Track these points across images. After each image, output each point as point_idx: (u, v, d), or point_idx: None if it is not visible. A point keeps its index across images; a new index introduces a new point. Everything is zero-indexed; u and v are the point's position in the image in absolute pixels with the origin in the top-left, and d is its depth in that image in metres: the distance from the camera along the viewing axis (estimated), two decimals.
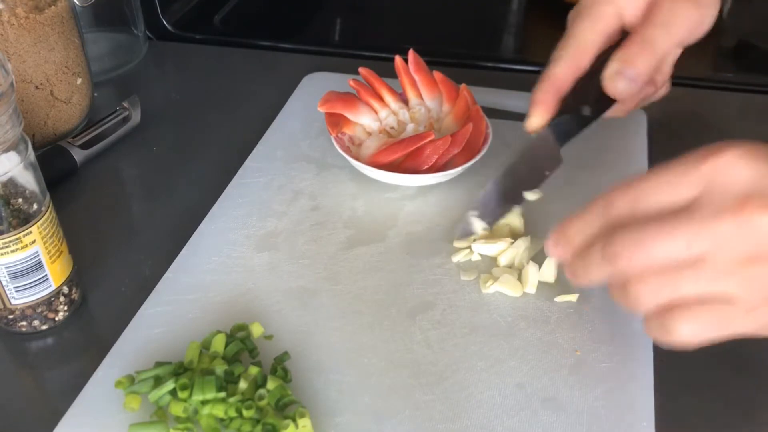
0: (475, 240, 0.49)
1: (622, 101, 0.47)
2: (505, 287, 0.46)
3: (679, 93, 0.54)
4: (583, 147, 0.56)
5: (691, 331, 0.32)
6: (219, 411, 0.37)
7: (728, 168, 0.32)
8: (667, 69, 0.48)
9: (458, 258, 0.48)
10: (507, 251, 0.48)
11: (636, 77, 0.45)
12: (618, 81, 0.45)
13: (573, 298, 0.45)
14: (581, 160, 0.57)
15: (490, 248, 0.48)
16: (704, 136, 0.62)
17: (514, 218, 0.50)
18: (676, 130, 0.62)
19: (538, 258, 0.48)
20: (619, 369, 0.41)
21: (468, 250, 0.49)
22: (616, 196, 0.34)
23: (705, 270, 0.31)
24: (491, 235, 0.49)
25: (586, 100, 0.48)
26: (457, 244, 0.49)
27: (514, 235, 0.49)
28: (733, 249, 0.31)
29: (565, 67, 0.48)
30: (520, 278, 0.47)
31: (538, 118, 0.49)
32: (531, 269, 0.46)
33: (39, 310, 0.45)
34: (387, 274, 0.48)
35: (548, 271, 0.46)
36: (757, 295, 0.31)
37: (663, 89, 0.50)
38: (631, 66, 0.45)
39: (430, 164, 0.53)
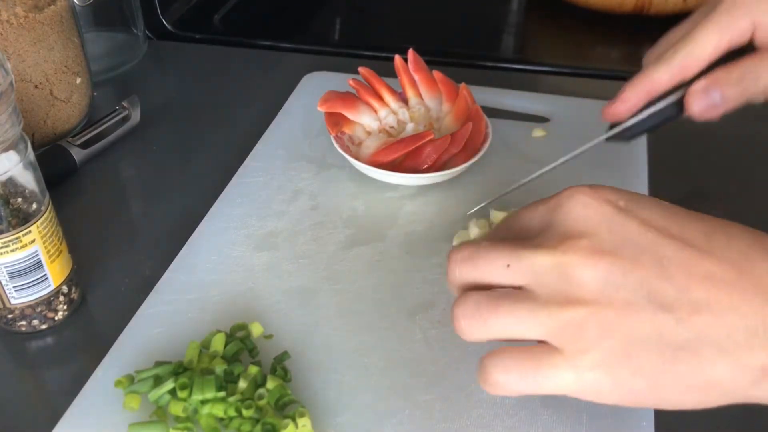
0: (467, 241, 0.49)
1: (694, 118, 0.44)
2: None
3: None
4: (582, 144, 0.56)
5: (506, 378, 0.31)
6: (219, 410, 0.37)
7: (568, 205, 0.31)
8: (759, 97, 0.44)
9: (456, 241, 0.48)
10: None
11: (719, 104, 0.43)
12: (699, 100, 0.43)
13: None
14: (580, 157, 0.57)
15: None
16: (704, 135, 0.62)
17: (501, 214, 0.50)
18: (676, 130, 0.62)
19: None
20: None
21: None
22: (499, 222, 0.35)
23: (524, 298, 0.31)
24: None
25: (661, 98, 0.46)
26: (456, 242, 0.49)
27: None
28: (549, 284, 0.30)
29: (668, 73, 0.45)
30: None
31: (617, 113, 0.47)
32: None
33: (38, 309, 0.45)
34: (387, 273, 0.48)
35: None
36: (572, 345, 0.30)
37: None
38: (720, 92, 0.43)
39: (430, 164, 0.53)
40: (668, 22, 0.52)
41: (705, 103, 0.43)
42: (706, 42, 0.44)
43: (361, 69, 0.58)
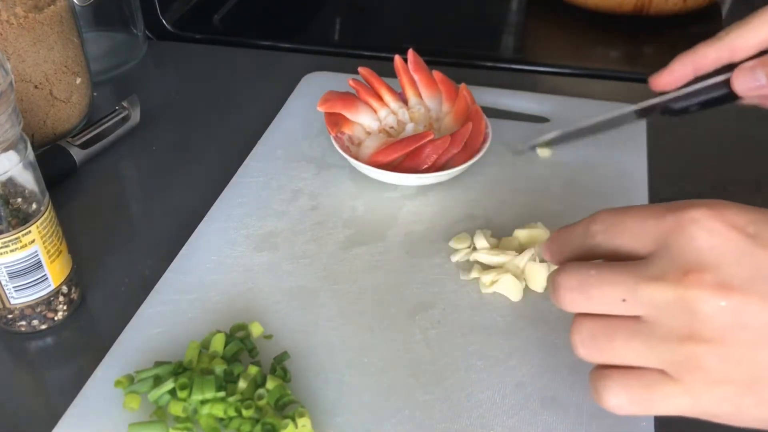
0: (475, 249, 0.48)
1: (742, 96, 0.45)
2: (504, 290, 0.46)
3: None
4: (582, 144, 0.56)
5: (617, 401, 0.30)
6: (218, 410, 0.37)
7: (690, 231, 0.29)
8: None
9: (457, 258, 0.48)
10: (510, 263, 0.47)
11: (763, 85, 0.43)
12: (744, 77, 0.44)
13: None
14: (580, 157, 0.57)
15: (493, 259, 0.47)
16: (704, 135, 0.62)
17: (524, 232, 0.49)
18: (676, 130, 0.62)
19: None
20: None
21: (467, 250, 0.49)
22: (594, 225, 0.32)
23: (640, 330, 0.30)
24: (499, 246, 0.49)
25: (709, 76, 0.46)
26: (453, 244, 0.49)
27: (520, 249, 0.48)
28: (669, 318, 0.29)
29: (717, 51, 0.46)
30: (524, 277, 0.46)
31: (663, 81, 0.48)
32: (540, 268, 0.46)
33: (38, 309, 0.44)
34: (387, 273, 0.48)
35: (549, 271, 0.46)
36: (690, 377, 0.29)
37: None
38: (765, 73, 0.43)
39: (430, 164, 0.53)
40: (668, 22, 0.52)
41: (750, 81, 0.44)
42: (758, 29, 0.44)
43: (360, 69, 0.58)
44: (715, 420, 0.30)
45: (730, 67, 0.45)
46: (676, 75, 0.47)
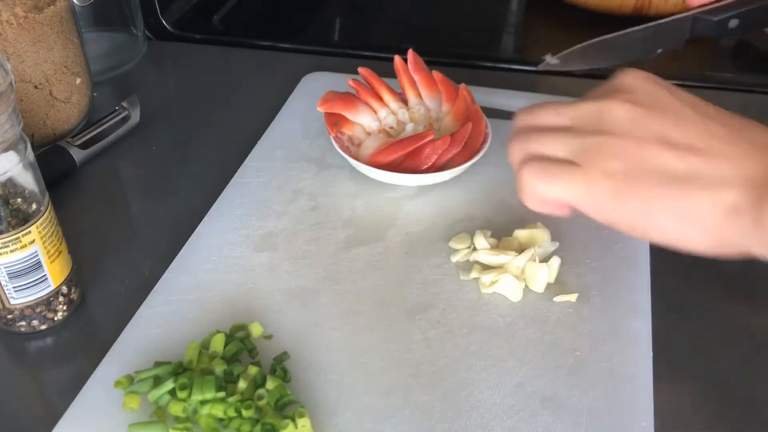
0: (475, 249, 0.48)
1: None
2: (504, 290, 0.46)
3: None
4: None
5: (530, 174, 0.37)
6: (218, 411, 0.37)
7: (622, 75, 0.38)
8: None
9: (457, 258, 0.48)
10: (510, 263, 0.47)
11: None
12: None
13: (572, 297, 0.45)
14: None
15: (493, 260, 0.47)
16: None
17: (524, 232, 0.49)
18: None
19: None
20: (619, 369, 0.41)
21: (467, 250, 0.48)
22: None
23: (564, 133, 0.37)
24: (499, 246, 0.48)
25: None
26: (453, 244, 0.49)
27: (521, 249, 0.48)
28: (585, 122, 0.37)
29: None
30: (523, 277, 0.46)
31: None
32: (540, 268, 0.46)
33: (38, 309, 0.44)
34: (386, 273, 0.48)
35: (550, 272, 0.46)
36: (589, 161, 0.36)
37: None
38: None
39: (430, 164, 0.53)
40: None
41: None
42: None
43: (360, 69, 0.58)
44: (599, 215, 0.36)
45: None
46: None
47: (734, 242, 0.34)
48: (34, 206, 0.42)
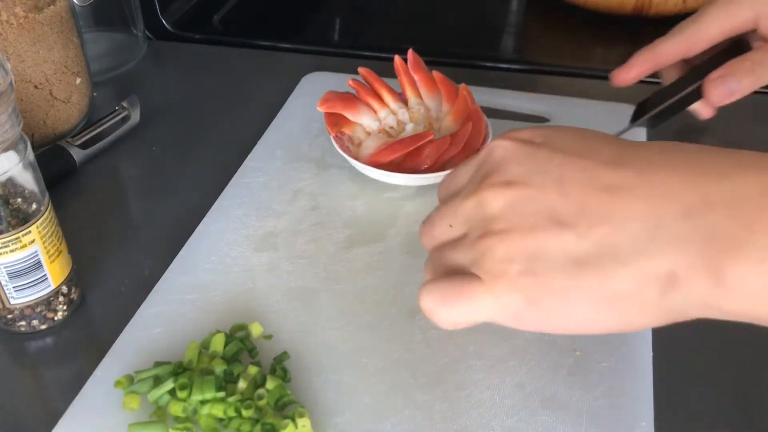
0: None
1: (710, 104, 0.48)
2: None
3: None
4: None
5: (430, 301, 0.32)
6: (218, 411, 0.37)
7: (492, 151, 0.33)
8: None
9: None
10: None
11: (735, 91, 0.47)
12: (716, 87, 0.47)
13: None
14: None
15: None
16: (703, 135, 0.62)
17: None
18: (675, 130, 0.62)
19: None
20: (619, 369, 0.41)
21: None
22: (442, 182, 0.37)
23: (459, 241, 0.33)
24: None
25: (681, 89, 0.50)
26: None
27: None
28: (474, 224, 0.32)
29: (673, 46, 0.49)
30: None
31: (624, 77, 0.51)
32: None
33: (38, 309, 0.44)
34: (387, 273, 0.48)
35: None
36: (487, 271, 0.31)
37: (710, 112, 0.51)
38: (735, 80, 0.47)
39: (430, 164, 0.53)
40: (668, 23, 0.52)
41: (722, 90, 0.47)
42: (711, 22, 0.48)
43: (360, 69, 0.58)
44: (519, 324, 0.31)
45: (695, 73, 0.49)
46: (635, 71, 0.51)
47: (687, 312, 0.28)
48: (34, 206, 0.42)
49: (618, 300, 0.28)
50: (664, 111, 0.50)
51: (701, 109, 0.51)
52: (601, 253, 0.28)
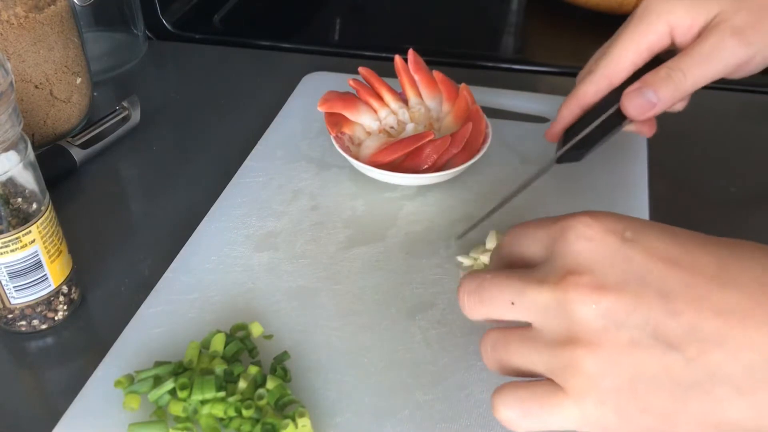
0: (484, 251, 0.48)
1: (634, 120, 0.46)
2: None
3: None
4: None
5: (510, 414, 0.30)
6: (218, 410, 0.37)
7: (569, 237, 0.29)
8: (692, 92, 0.46)
9: (470, 263, 0.48)
10: None
11: (654, 103, 0.45)
12: (633, 100, 0.45)
13: None
14: (582, 163, 0.57)
15: None
16: (703, 135, 0.62)
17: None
18: (676, 130, 0.62)
19: None
20: None
21: (481, 259, 0.48)
22: (505, 237, 0.34)
23: (530, 337, 0.30)
24: None
25: (602, 112, 0.47)
26: (461, 259, 0.48)
27: None
28: (551, 322, 0.29)
29: (594, 86, 0.47)
30: None
31: (556, 132, 0.49)
32: None
33: (38, 309, 0.45)
34: (386, 273, 0.48)
35: None
36: (573, 383, 0.28)
37: (680, 105, 0.48)
38: (652, 90, 0.44)
39: (430, 164, 0.53)
40: None
41: (639, 102, 0.45)
42: (624, 50, 0.46)
43: (361, 69, 0.58)
44: None
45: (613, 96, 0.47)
46: (567, 122, 0.49)
47: None
48: (34, 206, 0.42)
49: (725, 426, 0.27)
50: (588, 139, 0.47)
51: (640, 129, 0.48)
52: (713, 380, 0.27)
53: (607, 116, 0.47)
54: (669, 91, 0.44)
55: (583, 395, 0.28)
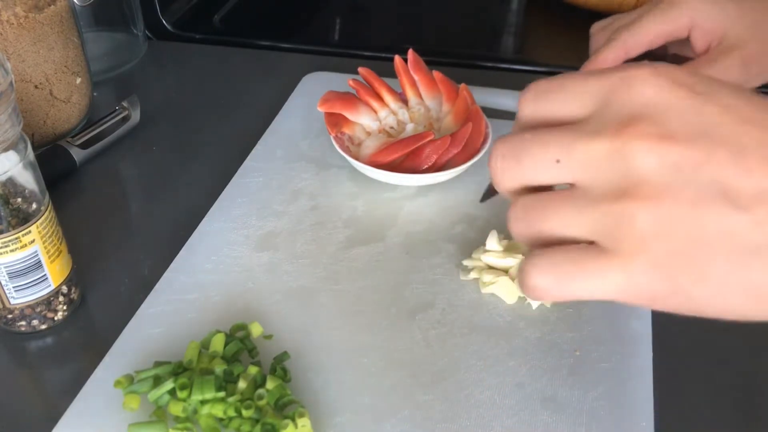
0: (486, 252, 0.48)
1: None
2: (500, 292, 0.45)
3: None
4: None
5: (543, 282, 0.27)
6: (218, 411, 0.37)
7: (632, 82, 0.26)
8: None
9: (472, 264, 0.48)
10: (517, 266, 0.47)
11: None
12: None
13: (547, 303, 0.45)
14: None
15: (500, 262, 0.47)
16: None
17: None
18: None
19: None
20: (619, 369, 0.41)
21: (481, 263, 0.48)
22: (523, 98, 0.29)
23: (573, 196, 0.26)
24: (507, 247, 0.48)
25: None
26: (467, 262, 0.48)
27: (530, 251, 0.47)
28: (603, 177, 0.26)
29: (613, 53, 0.49)
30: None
31: None
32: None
33: (38, 309, 0.44)
34: (387, 274, 0.48)
35: None
36: (622, 243, 0.25)
37: None
38: None
39: (430, 164, 0.53)
40: None
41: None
42: (647, 29, 0.48)
43: (360, 69, 0.58)
44: (652, 305, 0.26)
45: None
46: None
47: None
48: (34, 206, 0.42)
49: None
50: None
51: None
52: None
53: None
54: None
55: (633, 257, 0.25)
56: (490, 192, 0.42)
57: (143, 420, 0.38)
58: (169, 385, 0.38)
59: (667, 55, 0.52)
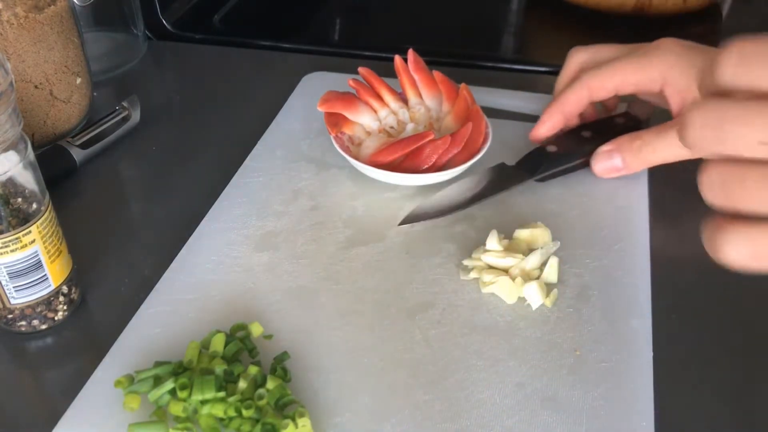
0: (486, 252, 0.48)
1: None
2: (500, 292, 0.45)
3: None
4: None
5: (738, 254, 0.26)
6: (218, 410, 0.37)
7: None
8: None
9: (472, 264, 0.48)
10: (517, 266, 0.47)
11: (620, 168, 0.51)
12: (601, 161, 0.52)
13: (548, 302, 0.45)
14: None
15: (500, 262, 0.47)
16: None
17: (525, 232, 0.49)
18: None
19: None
20: (619, 369, 0.41)
21: (481, 265, 0.48)
22: (725, 59, 0.26)
23: None
24: (507, 247, 0.48)
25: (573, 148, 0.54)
26: (467, 262, 0.48)
27: (527, 251, 0.48)
28: None
29: (577, 95, 0.52)
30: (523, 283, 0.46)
31: (537, 134, 0.55)
32: (531, 288, 0.45)
33: (38, 309, 0.45)
34: (387, 273, 0.48)
35: (551, 271, 0.46)
36: None
37: None
38: (621, 158, 0.51)
39: (430, 164, 0.53)
40: (668, 22, 0.53)
41: (607, 165, 0.52)
42: (614, 75, 0.51)
43: (360, 69, 0.58)
44: None
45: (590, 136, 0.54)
46: (548, 125, 0.55)
47: None
48: (34, 206, 0.42)
49: None
50: (555, 174, 0.54)
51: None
52: None
53: (576, 164, 0.54)
54: (636, 162, 0.51)
55: None
56: (411, 218, 0.50)
57: (143, 420, 0.38)
58: (169, 385, 0.38)
59: (615, 115, 0.56)
